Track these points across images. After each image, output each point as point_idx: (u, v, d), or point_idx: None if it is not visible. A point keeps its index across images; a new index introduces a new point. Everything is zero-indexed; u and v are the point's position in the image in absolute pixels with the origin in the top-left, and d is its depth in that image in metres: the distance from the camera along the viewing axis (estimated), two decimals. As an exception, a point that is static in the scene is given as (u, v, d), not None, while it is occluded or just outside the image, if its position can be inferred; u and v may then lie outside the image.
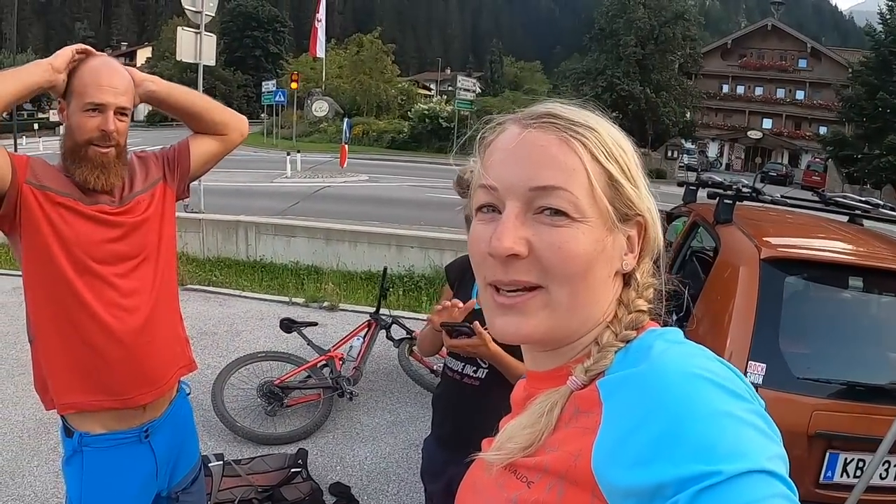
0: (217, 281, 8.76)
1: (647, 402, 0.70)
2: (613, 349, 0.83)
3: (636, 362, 0.77)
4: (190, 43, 11.18)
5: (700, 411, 0.66)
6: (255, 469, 3.94)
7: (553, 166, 0.82)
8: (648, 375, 0.73)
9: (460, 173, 2.16)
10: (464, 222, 2.21)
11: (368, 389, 5.36)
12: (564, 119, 0.86)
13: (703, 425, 0.65)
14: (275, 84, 42.56)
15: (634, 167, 0.88)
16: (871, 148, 40.97)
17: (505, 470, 0.87)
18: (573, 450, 0.76)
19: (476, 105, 42.88)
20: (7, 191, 1.86)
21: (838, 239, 3.48)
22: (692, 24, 48.94)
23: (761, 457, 0.63)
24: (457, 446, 2.41)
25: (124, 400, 2.06)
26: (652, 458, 0.65)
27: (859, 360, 2.94)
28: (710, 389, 0.68)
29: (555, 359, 0.90)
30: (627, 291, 0.89)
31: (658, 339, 0.81)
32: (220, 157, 2.43)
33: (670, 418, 0.66)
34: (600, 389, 0.77)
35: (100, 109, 1.95)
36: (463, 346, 2.16)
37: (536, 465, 0.81)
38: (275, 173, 23.04)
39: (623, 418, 0.71)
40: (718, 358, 0.75)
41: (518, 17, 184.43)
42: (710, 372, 0.70)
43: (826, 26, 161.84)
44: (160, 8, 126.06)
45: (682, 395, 0.67)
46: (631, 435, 0.69)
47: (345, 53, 54.94)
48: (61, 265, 1.93)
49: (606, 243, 0.83)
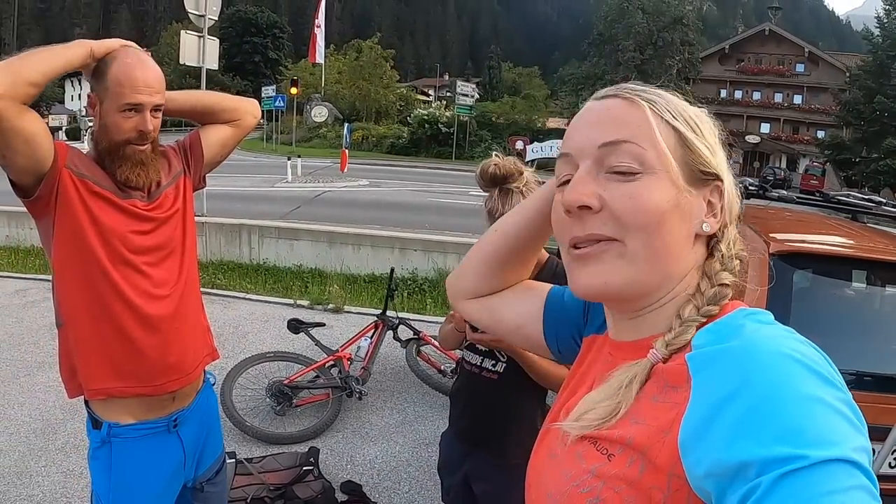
0: (221, 284, 8.75)
1: (736, 379, 0.69)
2: (695, 324, 0.83)
3: (727, 339, 0.76)
4: (193, 46, 11.17)
5: (790, 393, 0.65)
6: (267, 467, 3.93)
7: (619, 123, 0.85)
8: (740, 352, 0.72)
9: (484, 166, 2.17)
10: (483, 218, 2.23)
11: (377, 389, 5.36)
12: (633, 88, 0.88)
13: (793, 408, 0.64)
14: (274, 89, 42.67)
15: (709, 132, 0.88)
16: (869, 151, 41.15)
17: (584, 440, 0.87)
18: (662, 425, 0.76)
19: (475, 110, 42.97)
20: (47, 172, 1.86)
21: (843, 234, 3.50)
22: (690, 28, 49.06)
23: (847, 446, 0.62)
24: (475, 440, 2.43)
25: (154, 387, 2.07)
26: (738, 436, 0.65)
27: (867, 351, 2.96)
28: (802, 372, 0.67)
29: (638, 328, 0.90)
30: (711, 262, 0.88)
31: (749, 318, 0.80)
32: (235, 140, 2.44)
33: (760, 397, 0.66)
34: (689, 364, 0.77)
35: (136, 109, 1.95)
36: (486, 340, 2.18)
37: (619, 437, 0.81)
38: (275, 178, 23.04)
39: (711, 394, 0.71)
40: (811, 343, 0.74)
41: (516, 22, 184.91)
42: (804, 355, 0.69)
43: (823, 31, 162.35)
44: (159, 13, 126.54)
45: (774, 375, 0.67)
46: (718, 411, 0.68)
47: (344, 59, 55.11)
48: (97, 252, 1.93)
49: (680, 199, 0.84)
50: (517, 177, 2.13)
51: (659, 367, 0.82)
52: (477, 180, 2.18)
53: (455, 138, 39.96)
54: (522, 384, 2.27)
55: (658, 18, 47.40)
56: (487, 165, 2.14)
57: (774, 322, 0.80)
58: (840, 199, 4.35)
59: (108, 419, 2.05)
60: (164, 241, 2.11)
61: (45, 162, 1.85)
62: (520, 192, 2.12)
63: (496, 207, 2.13)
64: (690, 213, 0.85)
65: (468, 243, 9.74)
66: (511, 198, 2.12)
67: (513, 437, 2.35)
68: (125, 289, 1.98)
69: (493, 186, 2.16)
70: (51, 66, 1.81)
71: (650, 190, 0.82)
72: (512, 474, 2.38)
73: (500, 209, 2.11)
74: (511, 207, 2.09)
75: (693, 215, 0.86)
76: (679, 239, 0.85)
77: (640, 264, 0.83)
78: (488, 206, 2.17)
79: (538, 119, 49.13)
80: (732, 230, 0.90)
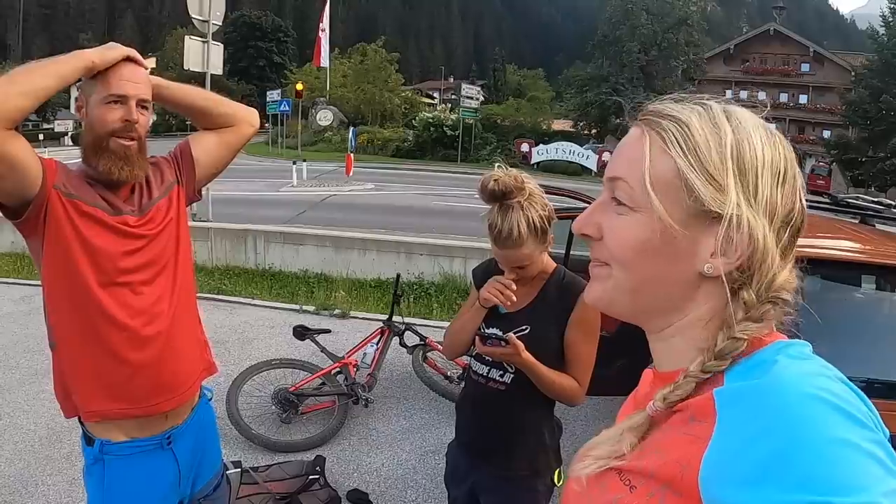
0: (226, 289, 8.74)
1: (761, 419, 0.67)
2: (695, 379, 0.80)
3: (757, 375, 0.74)
4: (197, 52, 11.20)
5: (815, 436, 0.63)
6: (272, 476, 3.91)
7: (623, 157, 0.87)
8: (766, 391, 0.70)
9: (484, 181, 2.13)
10: (483, 229, 2.21)
11: (383, 396, 5.33)
12: (658, 113, 0.85)
13: (818, 452, 0.62)
14: (279, 94, 42.73)
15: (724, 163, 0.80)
16: (876, 151, 41.04)
17: (609, 470, 0.86)
18: (681, 458, 0.74)
19: (480, 113, 42.97)
20: (35, 195, 1.84)
21: (853, 238, 3.47)
22: (695, 29, 48.99)
23: (877, 491, 0.59)
24: (481, 452, 2.41)
25: (148, 407, 2.04)
26: (761, 479, 0.63)
27: (877, 358, 2.93)
28: (828, 413, 0.65)
29: (669, 360, 0.90)
30: (734, 309, 0.81)
31: (782, 353, 0.77)
32: (231, 150, 2.40)
33: (784, 440, 0.63)
34: (716, 399, 0.74)
35: (122, 101, 1.93)
36: (496, 354, 2.16)
37: (643, 469, 0.80)
38: (280, 182, 23.08)
39: (736, 432, 0.69)
40: (843, 378, 0.72)
41: (520, 25, 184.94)
42: (831, 394, 0.67)
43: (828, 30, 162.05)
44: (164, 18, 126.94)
45: (799, 417, 0.65)
46: (742, 451, 0.66)
47: (349, 63, 55.14)
48: (85, 275, 1.91)
49: (671, 237, 0.80)
50: (517, 192, 2.09)
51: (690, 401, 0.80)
52: (478, 193, 2.15)
53: (460, 141, 39.90)
54: (530, 396, 2.25)
55: (662, 19, 47.35)
56: (487, 181, 2.10)
57: (810, 356, 0.77)
58: (849, 202, 4.32)
59: (100, 437, 2.03)
60: (156, 257, 2.08)
61: (32, 186, 1.82)
62: (520, 207, 2.08)
63: (496, 223, 2.10)
64: (688, 253, 0.81)
65: (474, 247, 9.75)
66: (511, 213, 2.08)
67: (519, 449, 2.32)
68: (114, 311, 1.95)
69: (492, 202, 2.13)
70: (43, 85, 1.78)
71: (630, 228, 0.84)
72: (518, 487, 2.36)
73: (498, 224, 2.08)
74: (510, 223, 2.07)
75: (695, 255, 0.81)
76: (669, 276, 0.83)
77: (621, 290, 0.88)
78: (488, 220, 2.14)
79: (543, 121, 49.15)
80: (770, 271, 0.81)
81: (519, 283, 2.23)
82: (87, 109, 1.96)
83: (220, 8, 11.50)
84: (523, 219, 2.07)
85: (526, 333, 2.19)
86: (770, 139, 0.83)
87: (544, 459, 2.36)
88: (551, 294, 2.26)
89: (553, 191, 4.31)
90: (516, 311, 2.27)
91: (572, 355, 2.23)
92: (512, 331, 2.17)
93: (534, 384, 2.19)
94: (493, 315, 2.29)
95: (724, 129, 0.81)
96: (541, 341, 2.19)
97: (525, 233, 2.07)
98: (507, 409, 2.31)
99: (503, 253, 2.15)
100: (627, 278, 0.86)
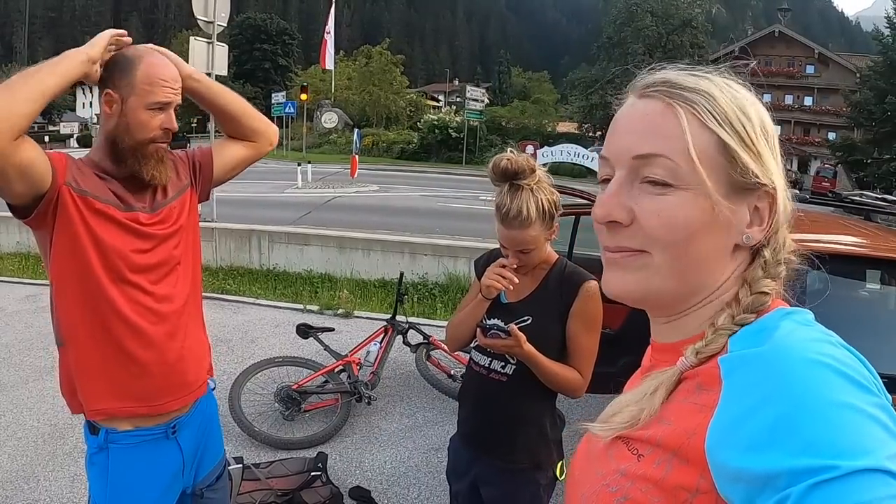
0: (231, 289, 8.76)
1: (765, 385, 0.67)
2: (727, 332, 0.80)
3: (761, 341, 0.74)
4: (202, 53, 11.20)
5: (820, 401, 0.63)
6: (274, 473, 3.90)
7: (654, 133, 0.82)
8: (769, 357, 0.70)
9: (496, 160, 2.13)
10: (493, 218, 2.20)
11: (386, 394, 5.32)
12: (675, 85, 0.84)
13: (822, 416, 0.61)
14: (284, 96, 42.83)
15: (757, 134, 0.83)
16: (881, 152, 40.91)
17: (617, 440, 0.87)
18: (688, 426, 0.74)
19: (485, 115, 43.00)
20: (46, 192, 1.82)
21: (857, 234, 3.46)
22: (700, 31, 48.97)
23: (882, 454, 0.59)
24: (482, 444, 2.39)
25: (154, 406, 2.05)
26: (766, 445, 0.62)
27: (883, 352, 2.91)
28: (832, 378, 0.65)
29: (675, 332, 0.89)
30: (754, 269, 0.85)
31: (785, 320, 0.77)
32: (247, 163, 2.41)
33: (788, 405, 0.63)
34: (721, 367, 0.74)
35: (163, 108, 1.94)
36: (497, 346, 2.15)
37: (649, 438, 0.80)
38: (285, 184, 23.09)
39: (740, 399, 0.69)
40: (846, 345, 0.71)
41: (525, 27, 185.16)
42: (835, 359, 0.67)
43: (833, 32, 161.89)
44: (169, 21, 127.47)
45: (803, 382, 0.64)
46: (747, 418, 0.66)
47: (354, 65, 55.25)
48: (97, 272, 1.90)
49: (717, 213, 0.80)
50: (528, 174, 2.10)
51: (698, 368, 0.80)
52: (489, 174, 2.15)
53: (465, 143, 39.97)
54: (531, 387, 2.24)
55: (667, 21, 47.36)
56: (500, 159, 2.11)
57: (813, 323, 0.77)
58: (853, 198, 4.31)
59: (106, 425, 2.02)
60: (167, 258, 2.07)
61: (42, 185, 1.80)
62: (530, 190, 2.08)
63: (504, 202, 2.09)
64: (729, 225, 0.82)
65: (478, 247, 9.72)
66: (521, 194, 2.08)
67: (520, 441, 2.31)
68: (126, 309, 1.95)
69: (503, 181, 2.12)
70: (42, 89, 1.75)
71: (680, 207, 0.80)
72: (519, 479, 2.35)
73: (507, 204, 2.08)
74: (519, 203, 2.06)
75: (733, 227, 0.82)
76: (713, 252, 0.83)
77: (664, 276, 0.83)
78: (497, 201, 2.14)
79: (548, 123, 49.21)
80: (782, 234, 0.87)
81: (520, 271, 2.23)
82: (125, 109, 1.92)
83: (226, 9, 11.50)
84: (532, 200, 2.08)
85: (528, 324, 2.19)
86: None
87: (546, 452, 2.34)
88: (553, 285, 2.25)
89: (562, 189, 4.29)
90: (518, 301, 2.26)
91: (574, 347, 2.22)
92: (513, 321, 2.17)
93: (535, 376, 2.18)
94: (494, 306, 2.28)
95: (744, 99, 0.84)
96: (542, 332, 2.18)
97: (534, 214, 2.08)
98: (509, 400, 2.30)
99: (509, 233, 2.13)
100: (674, 262, 0.82)
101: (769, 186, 0.83)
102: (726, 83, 0.86)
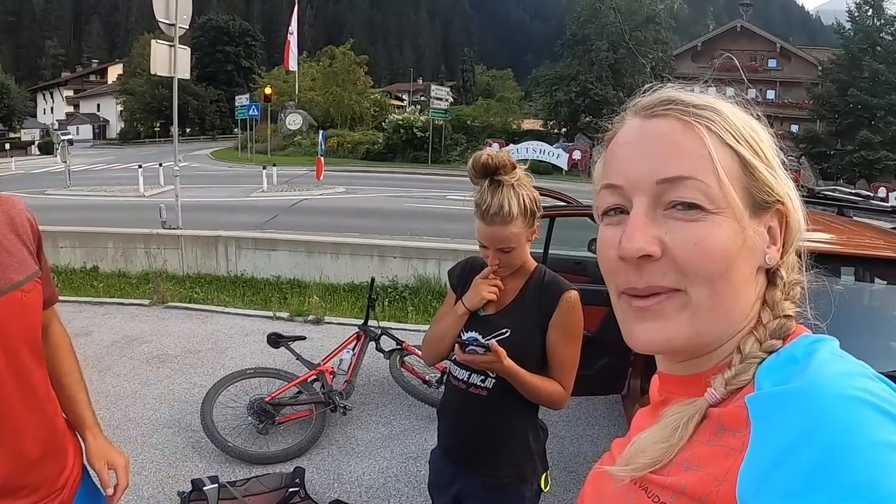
0: (198, 298, 8.61)
1: (800, 426, 0.61)
2: (756, 360, 0.75)
3: (789, 376, 0.68)
4: (164, 56, 11.05)
5: (860, 442, 0.57)
6: (251, 490, 3.79)
7: (679, 154, 0.75)
8: (803, 395, 0.64)
9: (476, 156, 2.07)
10: (472, 214, 2.15)
11: (361, 403, 5.25)
12: (684, 103, 0.78)
13: (864, 458, 0.56)
14: (248, 98, 42.52)
15: (768, 148, 0.79)
16: (844, 144, 41.73)
17: (634, 485, 0.80)
18: (717, 472, 0.68)
19: (450, 114, 43.02)
20: None
21: (831, 230, 3.46)
22: (663, 27, 49.31)
23: None
24: (464, 459, 2.34)
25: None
26: (805, 490, 0.57)
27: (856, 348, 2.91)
28: (872, 416, 0.59)
29: (695, 365, 0.81)
30: (773, 291, 0.80)
31: (814, 350, 0.71)
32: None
33: (826, 448, 0.58)
34: (749, 406, 0.68)
35: None
36: (477, 362, 2.09)
37: (673, 484, 0.73)
38: (251, 188, 22.94)
39: (774, 442, 0.62)
40: (881, 377, 0.66)
41: (489, 25, 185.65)
42: (873, 395, 0.61)
43: (794, 26, 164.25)
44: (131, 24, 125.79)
45: (841, 422, 0.59)
46: (782, 462, 0.60)
47: (317, 66, 54.92)
48: None
49: (746, 235, 0.75)
50: (510, 169, 2.05)
51: (720, 409, 0.74)
52: (468, 172, 2.09)
53: (430, 143, 39.92)
54: (512, 400, 2.19)
55: (631, 17, 47.61)
56: (480, 155, 2.05)
57: (842, 353, 0.72)
58: (826, 193, 4.32)
59: None
60: None
61: None
62: (511, 186, 2.04)
63: (485, 199, 2.04)
64: (755, 248, 0.77)
65: (447, 248, 9.71)
66: (502, 190, 2.03)
67: (505, 455, 2.27)
68: None
69: (483, 177, 2.07)
70: None
71: (716, 233, 0.74)
72: (504, 493, 2.30)
73: (488, 201, 2.03)
74: (501, 199, 2.01)
75: (758, 249, 0.78)
76: (747, 279, 0.77)
77: (704, 315, 0.75)
78: (477, 199, 2.08)
79: (513, 121, 49.31)
80: (792, 256, 0.82)
81: (500, 273, 2.19)
82: None
83: (187, 11, 11.32)
84: (514, 196, 2.04)
85: (506, 337, 2.14)
86: None
87: (530, 465, 2.30)
88: (531, 295, 2.20)
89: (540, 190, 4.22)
90: (495, 312, 2.21)
91: (555, 358, 2.18)
92: (492, 335, 2.13)
93: (516, 389, 2.13)
94: (471, 318, 2.23)
95: (746, 114, 0.81)
96: (522, 344, 2.13)
97: (515, 210, 2.03)
98: (490, 415, 2.25)
99: (490, 231, 2.08)
100: (713, 294, 0.74)
101: (783, 203, 0.79)
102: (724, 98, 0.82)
